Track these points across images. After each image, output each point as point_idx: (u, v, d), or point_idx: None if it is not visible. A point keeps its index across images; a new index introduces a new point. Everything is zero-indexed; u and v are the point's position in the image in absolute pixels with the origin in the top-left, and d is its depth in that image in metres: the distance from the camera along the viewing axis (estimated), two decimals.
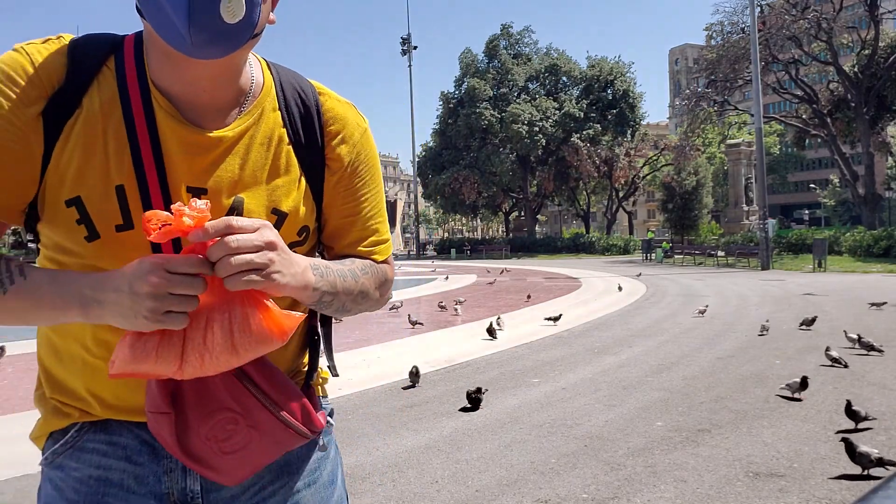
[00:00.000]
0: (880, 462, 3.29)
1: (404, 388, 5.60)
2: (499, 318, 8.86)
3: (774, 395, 5.09)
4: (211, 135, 0.90)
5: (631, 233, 59.65)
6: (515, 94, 47.87)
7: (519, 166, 46.37)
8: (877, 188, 32.67)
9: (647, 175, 51.39)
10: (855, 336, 7.10)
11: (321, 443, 1.08)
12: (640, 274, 20.17)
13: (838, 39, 30.88)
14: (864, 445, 3.44)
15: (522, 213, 53.97)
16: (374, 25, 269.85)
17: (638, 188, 52.49)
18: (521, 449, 3.96)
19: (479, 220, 74.35)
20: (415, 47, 48.43)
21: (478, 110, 44.94)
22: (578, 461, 3.68)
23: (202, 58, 0.83)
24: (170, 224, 0.74)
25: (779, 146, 79.43)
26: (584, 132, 44.18)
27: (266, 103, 0.96)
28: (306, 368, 1.08)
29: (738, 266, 24.24)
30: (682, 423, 4.41)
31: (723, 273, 21.15)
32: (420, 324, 9.19)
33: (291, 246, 0.92)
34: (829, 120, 31.72)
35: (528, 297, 13.18)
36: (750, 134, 50.48)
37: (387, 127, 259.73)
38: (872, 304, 10.43)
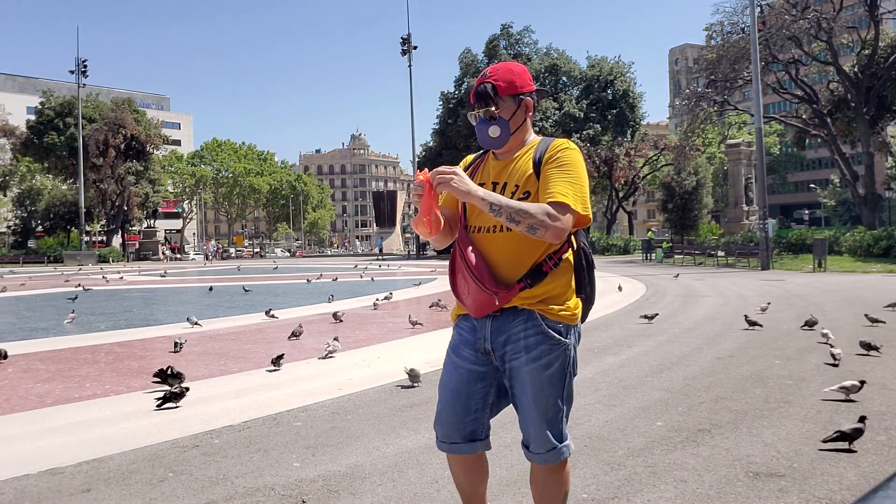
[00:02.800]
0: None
1: (404, 388, 5.59)
2: None
3: (821, 399, 4.98)
4: (499, 162, 2.34)
5: (631, 233, 59.65)
6: None
7: None
8: (877, 188, 32.67)
9: (647, 175, 51.36)
10: (828, 332, 7.15)
11: (545, 346, 2.20)
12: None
13: (838, 39, 30.86)
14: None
15: None
16: (374, 25, 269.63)
17: (638, 188, 52.46)
18: (521, 449, 3.94)
19: None
20: (415, 47, 48.33)
21: None
22: (578, 461, 3.68)
23: (495, 149, 2.35)
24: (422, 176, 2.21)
25: (779, 146, 79.49)
26: (584, 132, 44.12)
27: (524, 152, 2.29)
28: (529, 280, 2.21)
29: (738, 266, 24.25)
30: (682, 423, 4.40)
31: (723, 273, 21.17)
32: (420, 324, 9.18)
33: (522, 199, 2.18)
34: (829, 120, 31.71)
35: None
36: (750, 134, 50.50)
37: (387, 127, 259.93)
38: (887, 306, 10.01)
